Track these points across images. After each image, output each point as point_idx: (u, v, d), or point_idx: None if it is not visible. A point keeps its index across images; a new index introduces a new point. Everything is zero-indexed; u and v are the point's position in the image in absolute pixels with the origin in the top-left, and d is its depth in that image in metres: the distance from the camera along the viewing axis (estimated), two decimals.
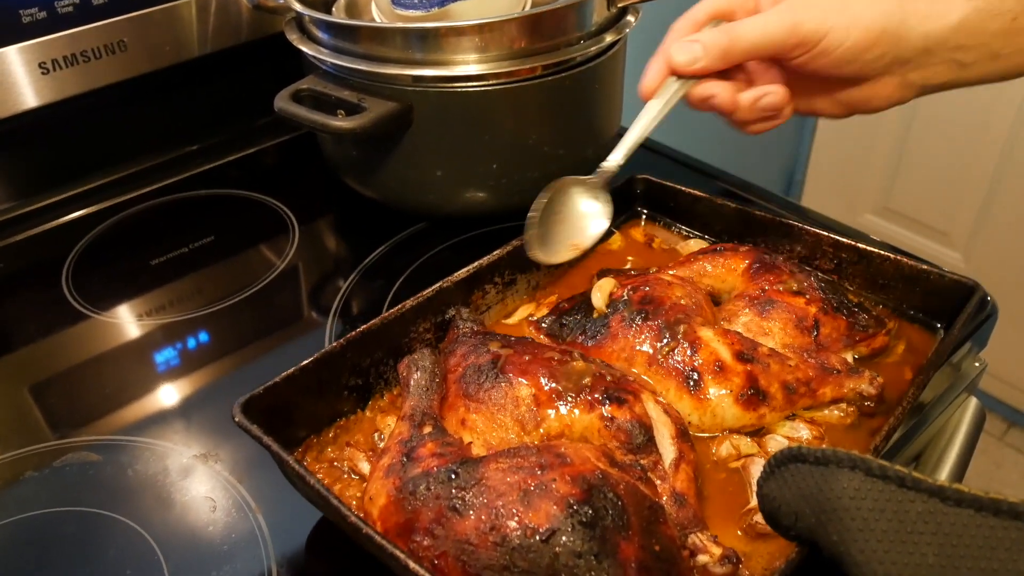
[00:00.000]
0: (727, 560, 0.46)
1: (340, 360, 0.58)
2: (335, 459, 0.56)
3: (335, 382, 0.58)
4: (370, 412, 0.60)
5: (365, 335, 0.59)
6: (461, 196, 0.82)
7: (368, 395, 0.61)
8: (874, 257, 0.67)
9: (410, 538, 0.45)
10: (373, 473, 0.51)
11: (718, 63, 0.62)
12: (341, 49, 0.78)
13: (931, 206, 1.93)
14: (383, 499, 0.48)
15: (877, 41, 0.60)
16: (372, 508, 0.49)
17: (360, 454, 0.55)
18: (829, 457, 0.37)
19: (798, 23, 0.59)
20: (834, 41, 0.59)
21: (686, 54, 0.62)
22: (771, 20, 0.60)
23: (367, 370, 0.60)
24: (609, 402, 0.52)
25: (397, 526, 0.46)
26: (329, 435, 0.58)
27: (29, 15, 0.82)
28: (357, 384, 0.60)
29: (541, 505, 0.43)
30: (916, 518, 0.34)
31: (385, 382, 0.62)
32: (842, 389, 0.58)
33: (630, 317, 0.60)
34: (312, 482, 0.47)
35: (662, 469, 0.50)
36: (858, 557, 0.35)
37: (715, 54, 0.61)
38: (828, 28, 0.59)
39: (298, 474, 0.48)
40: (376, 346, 0.60)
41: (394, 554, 0.43)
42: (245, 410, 0.51)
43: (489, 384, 0.54)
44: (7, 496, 0.60)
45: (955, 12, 0.60)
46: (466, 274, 0.65)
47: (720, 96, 0.63)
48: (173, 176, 0.99)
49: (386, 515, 0.47)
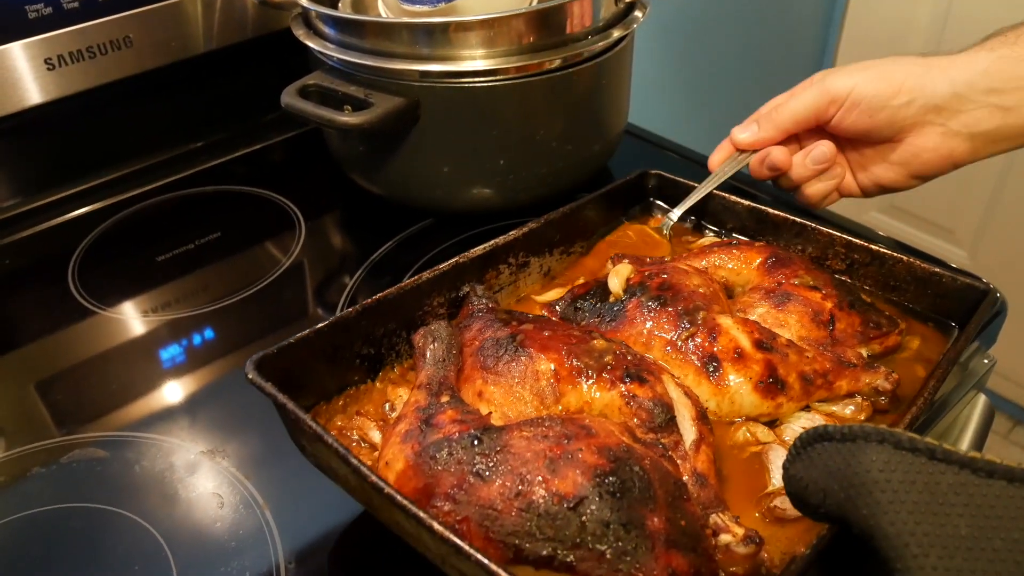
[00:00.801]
0: (750, 540, 0.45)
1: (355, 327, 0.57)
2: (344, 427, 0.55)
3: (348, 349, 0.58)
4: (380, 383, 0.60)
5: (381, 303, 0.58)
6: (468, 192, 0.82)
7: (379, 366, 0.60)
8: (886, 258, 0.66)
9: (430, 503, 0.44)
10: (388, 439, 0.50)
11: (771, 132, 0.73)
12: (348, 44, 0.78)
13: (937, 204, 1.92)
14: (400, 464, 0.47)
15: (901, 87, 0.68)
16: (388, 473, 0.47)
17: (371, 423, 0.55)
18: (856, 432, 0.37)
19: (828, 86, 0.70)
20: (861, 92, 0.69)
21: (746, 131, 0.75)
22: (807, 91, 0.72)
23: (380, 340, 0.60)
24: (630, 380, 0.51)
25: (415, 491, 0.45)
26: (338, 403, 0.57)
27: (35, 11, 0.82)
28: (369, 353, 0.59)
29: (568, 473, 0.42)
30: (947, 490, 0.34)
31: (396, 354, 0.61)
32: (858, 383, 0.58)
33: (648, 302, 0.60)
34: (329, 440, 0.46)
35: (683, 449, 0.50)
36: (889, 529, 0.34)
37: (766, 125, 0.73)
38: (854, 83, 0.69)
39: (314, 433, 0.47)
40: (391, 316, 0.60)
41: (417, 515, 0.41)
42: (258, 368, 0.50)
43: (508, 357, 0.53)
44: (15, 492, 0.60)
45: (980, 62, 0.67)
46: (482, 251, 0.65)
47: (775, 154, 0.73)
48: (179, 172, 0.99)
49: (404, 480, 0.46)
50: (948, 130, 0.68)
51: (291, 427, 0.52)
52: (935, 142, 0.69)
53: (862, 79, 0.68)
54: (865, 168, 0.75)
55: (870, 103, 0.68)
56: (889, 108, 0.68)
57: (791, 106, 0.72)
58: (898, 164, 0.72)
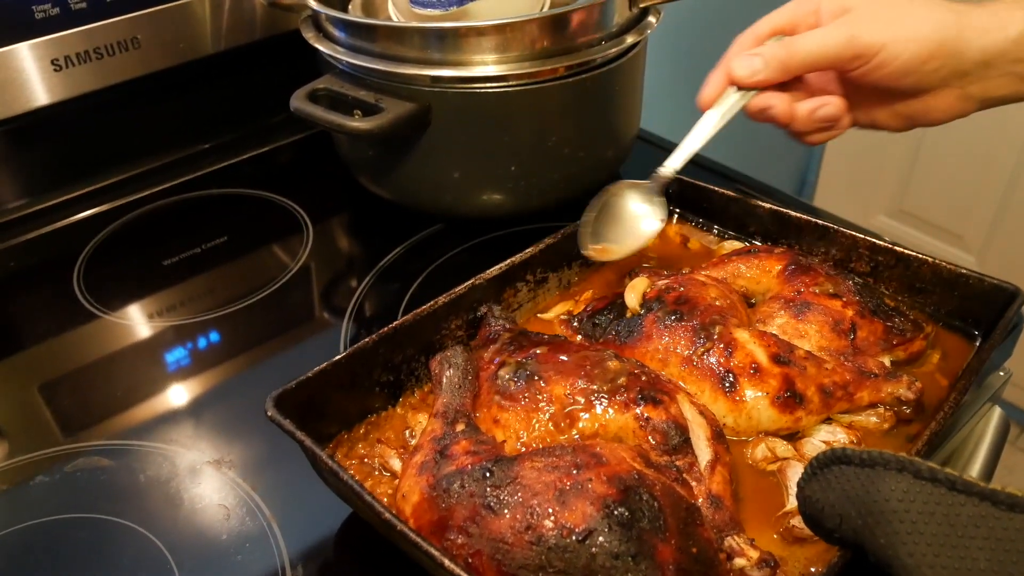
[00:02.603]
0: (764, 564, 0.45)
1: (372, 355, 0.58)
2: (366, 455, 0.56)
3: (367, 378, 0.58)
4: (401, 409, 0.60)
5: (398, 331, 0.59)
6: (479, 198, 0.81)
7: (399, 392, 0.61)
8: (911, 260, 0.66)
9: (444, 536, 0.45)
10: (406, 470, 0.51)
11: (777, 75, 0.64)
12: (358, 48, 0.77)
13: (945, 208, 1.91)
14: (416, 496, 0.48)
15: (934, 54, 0.61)
16: (405, 505, 0.48)
17: (391, 451, 0.55)
18: (876, 459, 0.37)
19: (855, 36, 0.61)
20: (891, 54, 0.61)
21: (746, 67, 0.64)
22: (829, 34, 0.62)
23: (399, 366, 0.60)
24: (644, 402, 0.51)
25: (430, 524, 0.46)
26: (360, 431, 0.58)
27: (42, 11, 0.81)
28: (388, 380, 0.60)
29: (577, 505, 0.43)
30: (967, 522, 0.34)
31: (416, 379, 0.61)
32: (880, 393, 0.57)
33: (664, 317, 0.60)
34: (345, 478, 0.47)
35: (698, 471, 0.50)
36: (907, 561, 0.34)
37: (774, 66, 0.63)
38: (885, 41, 0.60)
39: (331, 470, 0.48)
40: (408, 342, 0.60)
41: (429, 551, 0.42)
42: (278, 404, 0.51)
43: (523, 383, 0.53)
44: (20, 501, 0.59)
45: (1014, 25, 0.61)
46: (498, 271, 0.65)
47: (778, 107, 0.65)
48: (186, 174, 0.98)
49: (419, 512, 0.47)
50: (965, 93, 0.65)
51: (311, 462, 0.53)
52: (948, 103, 0.65)
53: (896, 36, 0.61)
54: (866, 110, 0.69)
55: (901, 66, 0.62)
56: (919, 73, 0.62)
57: (807, 47, 0.63)
58: (903, 114, 0.68)
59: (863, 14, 0.62)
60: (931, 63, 0.62)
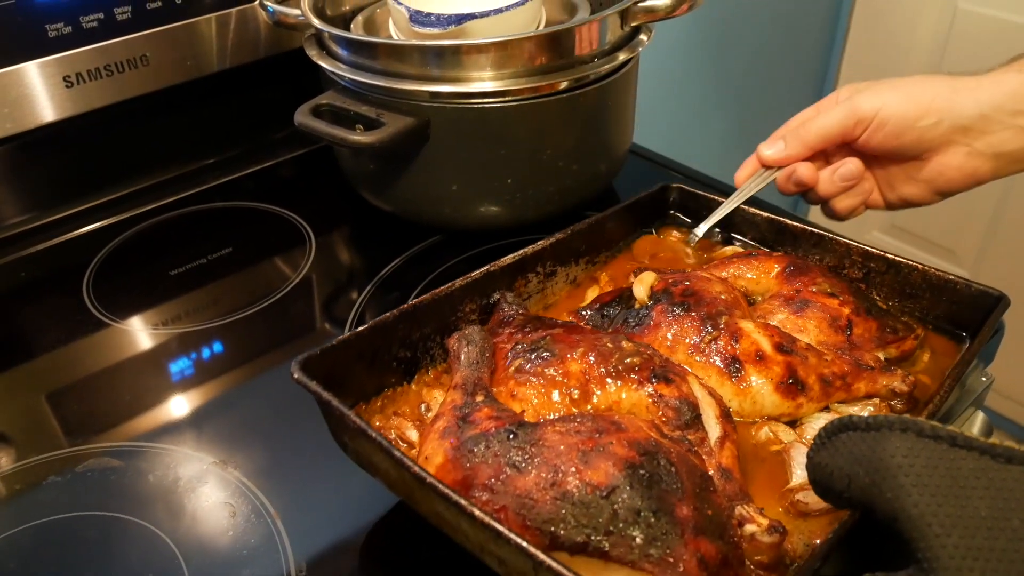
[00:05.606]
0: (774, 530, 0.47)
1: (393, 330, 0.59)
2: (382, 427, 0.57)
3: (386, 352, 0.59)
4: (416, 385, 0.62)
5: (416, 308, 0.61)
6: (476, 210, 0.84)
7: (415, 368, 0.62)
8: (902, 267, 0.68)
9: (469, 495, 0.46)
10: (427, 436, 0.52)
11: (797, 149, 0.73)
12: (360, 65, 0.80)
13: (938, 224, 1.93)
14: (440, 458, 0.49)
15: (928, 109, 0.68)
16: (428, 467, 0.49)
17: (407, 422, 0.56)
18: (880, 422, 0.39)
19: (856, 105, 0.70)
20: (888, 113, 0.69)
21: (772, 148, 0.75)
22: (836, 109, 0.72)
23: (416, 343, 0.62)
24: (657, 380, 0.53)
25: (455, 483, 0.47)
26: (376, 404, 0.59)
27: (55, 30, 0.84)
28: (406, 356, 0.61)
29: (600, 464, 0.44)
30: (968, 474, 0.36)
31: (431, 358, 0.63)
32: (875, 385, 0.59)
33: (672, 308, 0.62)
34: (373, 435, 0.47)
35: (708, 446, 0.51)
36: (912, 511, 0.36)
37: (793, 143, 0.73)
38: (882, 103, 0.69)
39: (358, 428, 0.48)
40: (426, 321, 0.62)
41: (459, 502, 0.43)
42: (303, 368, 0.52)
43: (539, 359, 0.55)
44: (31, 500, 0.61)
45: (1007, 83, 0.67)
46: (512, 260, 0.67)
47: (801, 170, 0.73)
48: (192, 188, 1.00)
49: (443, 473, 0.48)
50: (973, 150, 0.69)
51: (334, 424, 0.54)
52: (960, 161, 0.70)
53: (890, 99, 0.69)
54: (891, 184, 0.75)
55: (897, 124, 0.69)
56: (916, 129, 0.69)
57: (818, 123, 0.72)
58: (923, 181, 0.73)
59: (864, 89, 0.71)
60: (927, 118, 0.68)
